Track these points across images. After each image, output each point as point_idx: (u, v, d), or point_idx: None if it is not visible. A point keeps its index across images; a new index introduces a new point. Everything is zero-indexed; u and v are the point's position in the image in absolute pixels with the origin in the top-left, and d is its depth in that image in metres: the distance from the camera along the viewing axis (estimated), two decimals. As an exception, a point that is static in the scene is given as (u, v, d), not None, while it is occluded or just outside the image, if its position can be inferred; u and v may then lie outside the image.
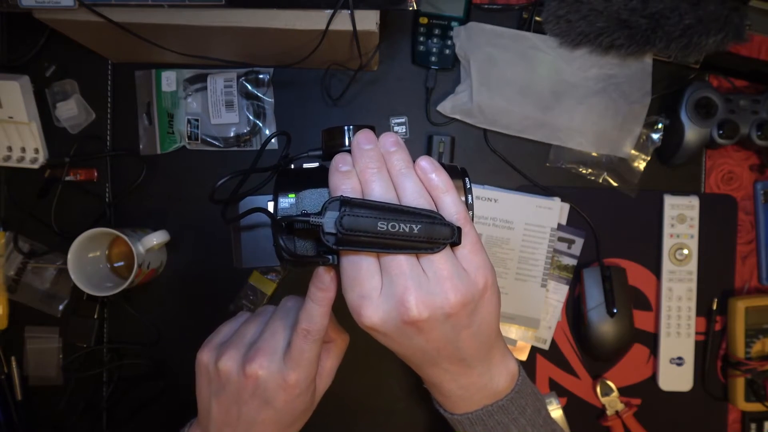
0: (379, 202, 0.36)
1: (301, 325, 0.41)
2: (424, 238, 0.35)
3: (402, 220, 0.35)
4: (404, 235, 0.35)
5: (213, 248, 0.72)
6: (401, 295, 0.35)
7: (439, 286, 0.36)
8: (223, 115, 0.70)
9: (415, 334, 0.37)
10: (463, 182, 0.40)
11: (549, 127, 0.71)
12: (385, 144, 0.39)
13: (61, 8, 0.54)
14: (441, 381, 0.42)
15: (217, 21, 0.56)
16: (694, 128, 0.69)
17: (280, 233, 0.37)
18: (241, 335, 0.44)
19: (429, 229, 0.36)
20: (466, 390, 0.42)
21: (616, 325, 0.70)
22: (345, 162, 0.38)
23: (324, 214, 0.35)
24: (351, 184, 0.37)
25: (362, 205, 0.36)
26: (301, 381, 0.42)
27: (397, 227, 0.35)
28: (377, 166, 0.38)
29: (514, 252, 0.71)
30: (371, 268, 0.37)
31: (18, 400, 0.72)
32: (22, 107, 0.68)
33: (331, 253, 0.38)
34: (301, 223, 0.36)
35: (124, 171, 0.72)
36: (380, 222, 0.35)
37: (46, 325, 0.72)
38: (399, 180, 0.38)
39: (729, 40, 0.64)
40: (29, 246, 0.72)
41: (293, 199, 0.39)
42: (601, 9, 0.64)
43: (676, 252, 0.73)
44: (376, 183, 0.37)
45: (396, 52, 0.72)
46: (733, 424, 0.75)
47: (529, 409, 0.44)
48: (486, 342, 0.40)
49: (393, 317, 0.36)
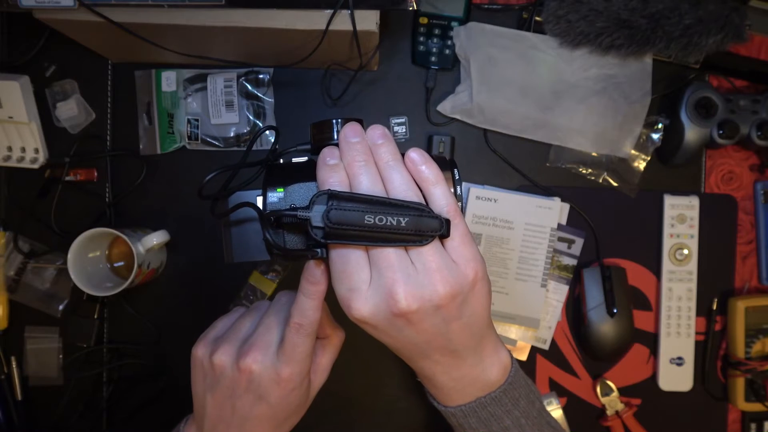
0: (367, 195, 0.36)
1: (294, 319, 0.41)
2: (412, 230, 0.36)
3: (390, 213, 0.35)
4: (392, 228, 0.35)
5: (213, 248, 0.72)
6: (390, 287, 0.36)
7: (428, 278, 0.36)
8: (223, 115, 0.70)
9: (404, 326, 0.37)
10: (452, 173, 0.41)
11: (549, 127, 0.71)
12: (373, 137, 0.39)
13: (61, 8, 0.54)
14: (433, 373, 0.42)
15: (217, 21, 0.56)
16: (694, 128, 0.69)
17: (269, 228, 0.37)
18: (235, 330, 0.44)
19: (417, 222, 0.36)
20: (458, 382, 0.42)
21: (616, 325, 0.70)
22: (332, 155, 0.38)
23: (312, 208, 0.36)
24: (338, 178, 0.37)
25: (350, 199, 0.36)
26: (294, 375, 0.42)
27: (384, 220, 0.35)
28: (365, 159, 0.38)
29: (514, 252, 0.71)
30: (360, 261, 0.37)
31: (18, 400, 0.72)
32: (22, 107, 0.68)
33: (320, 247, 0.38)
34: (289, 218, 0.36)
35: (124, 171, 0.72)
36: (368, 215, 0.35)
37: (46, 325, 0.72)
38: (387, 172, 0.38)
39: (729, 40, 0.64)
40: (29, 246, 0.72)
41: (281, 193, 0.39)
42: (601, 9, 0.64)
43: (676, 252, 0.73)
44: (363, 176, 0.37)
45: (396, 52, 0.72)
46: (733, 424, 0.75)
47: (522, 401, 0.44)
48: (477, 333, 0.40)
49: (382, 309, 0.36)
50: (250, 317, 0.46)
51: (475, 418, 0.43)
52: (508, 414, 0.44)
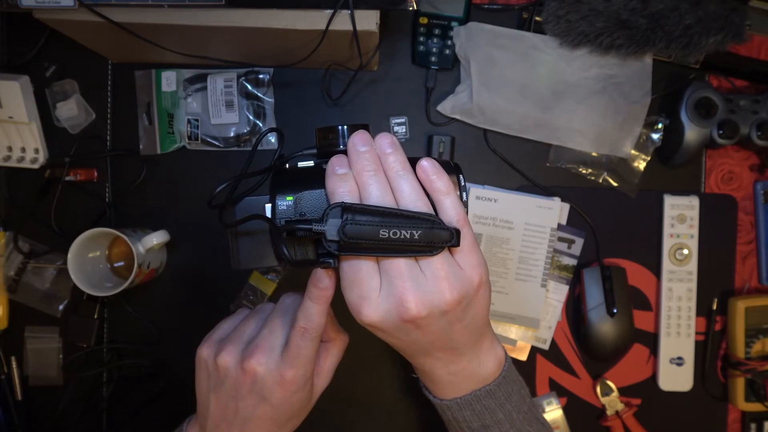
0: (380, 207, 0.37)
1: (299, 323, 0.41)
2: (424, 242, 0.36)
3: (403, 225, 0.36)
4: (405, 240, 0.36)
5: (213, 248, 0.72)
6: (400, 295, 0.37)
7: (437, 285, 0.37)
8: (223, 115, 0.70)
9: (412, 330, 0.38)
10: (458, 179, 0.41)
11: (549, 127, 0.71)
12: (382, 145, 0.39)
13: (61, 8, 0.54)
14: (432, 368, 0.43)
15: (217, 21, 0.56)
16: (694, 128, 0.69)
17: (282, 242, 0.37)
18: (240, 332, 0.45)
19: (429, 234, 0.36)
20: (456, 376, 0.44)
21: (616, 325, 0.70)
22: (342, 164, 0.39)
23: (326, 222, 0.36)
24: (348, 187, 0.38)
25: (363, 211, 0.36)
26: (298, 378, 0.42)
27: (398, 234, 0.36)
28: (374, 168, 0.38)
29: (514, 252, 0.71)
30: (370, 270, 0.38)
31: (18, 400, 0.72)
32: (22, 107, 0.68)
33: (332, 257, 0.38)
34: (303, 231, 0.36)
35: (124, 171, 0.72)
36: (382, 230, 0.36)
37: (46, 325, 0.72)
38: (396, 182, 0.38)
39: (729, 40, 0.64)
40: (29, 246, 0.72)
41: (291, 201, 0.39)
42: (601, 9, 0.64)
43: (676, 252, 0.73)
44: (373, 186, 0.38)
45: (396, 52, 0.72)
46: (733, 424, 0.75)
47: (515, 396, 0.46)
48: (477, 332, 0.42)
49: (392, 316, 0.37)
50: (254, 319, 0.46)
51: (469, 411, 0.45)
52: (501, 407, 0.45)
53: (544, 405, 0.73)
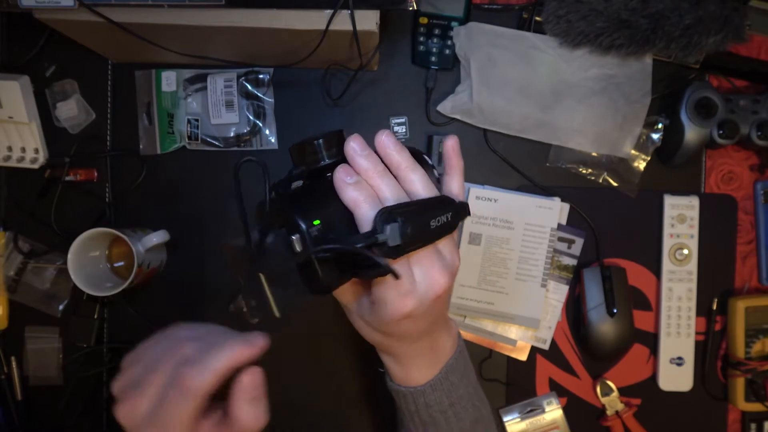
0: (414, 202, 0.38)
1: (186, 375, 0.34)
2: (455, 221, 0.39)
3: (437, 212, 0.38)
4: (444, 224, 0.38)
5: (213, 248, 0.72)
6: (435, 280, 0.39)
7: (450, 256, 0.41)
8: (223, 115, 0.70)
9: (435, 304, 0.40)
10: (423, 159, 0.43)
11: (549, 127, 0.71)
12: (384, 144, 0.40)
13: (61, 8, 0.54)
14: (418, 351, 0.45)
15: (217, 21, 0.56)
16: (694, 128, 0.69)
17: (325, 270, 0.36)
18: (129, 375, 0.39)
19: (456, 213, 0.39)
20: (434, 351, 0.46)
21: (616, 325, 0.70)
22: (349, 173, 0.38)
23: (384, 230, 0.35)
24: (367, 192, 0.38)
25: (407, 211, 0.36)
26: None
27: (439, 221, 0.38)
28: (381, 168, 0.39)
29: (514, 252, 0.71)
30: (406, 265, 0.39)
31: (18, 400, 0.72)
32: (22, 107, 0.68)
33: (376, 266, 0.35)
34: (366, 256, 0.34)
35: (124, 171, 0.72)
36: (432, 221, 0.37)
37: (46, 325, 0.72)
38: (405, 175, 0.40)
39: (729, 40, 0.64)
40: (29, 246, 0.72)
41: (318, 224, 0.36)
42: (601, 9, 0.64)
43: (676, 252, 0.73)
44: (384, 186, 0.39)
45: (396, 52, 0.72)
46: (733, 424, 0.75)
47: (469, 369, 0.50)
48: (446, 304, 0.46)
49: (428, 298, 0.39)
50: (143, 359, 0.41)
51: (440, 391, 0.46)
52: (462, 380, 0.48)
53: (544, 405, 0.73)
